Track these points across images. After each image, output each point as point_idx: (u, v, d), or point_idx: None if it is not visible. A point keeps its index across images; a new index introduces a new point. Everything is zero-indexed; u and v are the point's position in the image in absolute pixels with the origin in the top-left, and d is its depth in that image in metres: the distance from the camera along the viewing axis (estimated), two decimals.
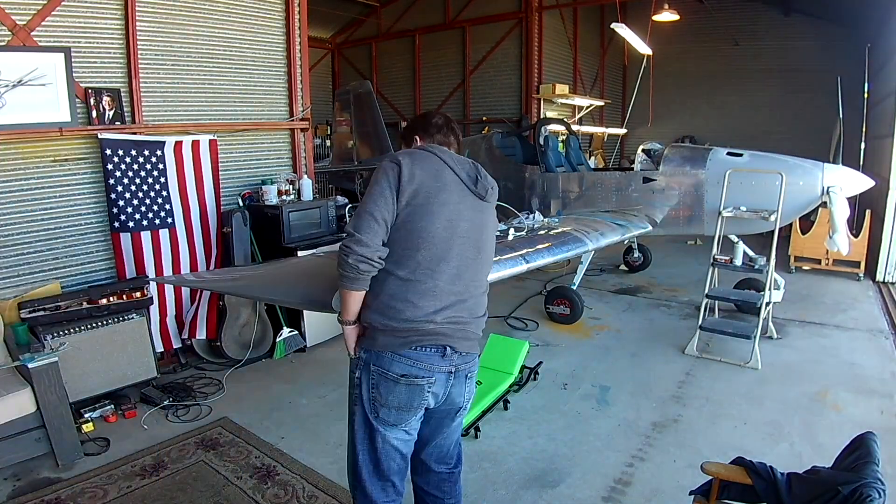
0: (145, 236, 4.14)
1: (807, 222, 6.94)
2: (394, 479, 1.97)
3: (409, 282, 1.80)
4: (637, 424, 3.53)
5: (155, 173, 4.16)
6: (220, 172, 4.58)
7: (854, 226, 6.75)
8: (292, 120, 5.16)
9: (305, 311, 4.64)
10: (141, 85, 4.13)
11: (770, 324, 4.92)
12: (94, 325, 3.67)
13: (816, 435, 3.36)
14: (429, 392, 1.88)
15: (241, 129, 4.85)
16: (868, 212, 6.98)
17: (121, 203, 3.98)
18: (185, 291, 4.46)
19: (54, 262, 3.89)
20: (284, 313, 4.70)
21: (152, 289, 4.11)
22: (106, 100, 3.95)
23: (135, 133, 4.08)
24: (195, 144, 4.37)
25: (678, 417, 3.61)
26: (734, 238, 5.29)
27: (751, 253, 5.16)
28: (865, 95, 8.18)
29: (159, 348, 4.26)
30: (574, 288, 5.44)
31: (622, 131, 12.93)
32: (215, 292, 4.33)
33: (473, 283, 1.94)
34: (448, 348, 1.87)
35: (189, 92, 4.49)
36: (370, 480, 1.95)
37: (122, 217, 4.01)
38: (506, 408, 3.74)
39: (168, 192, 4.25)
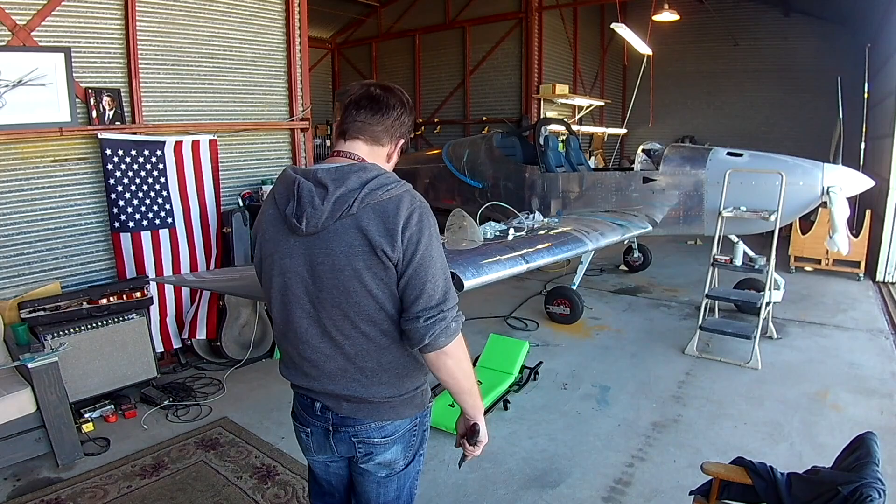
0: (145, 236, 4.14)
1: (807, 222, 6.95)
2: None
3: (277, 341, 1.65)
4: (637, 424, 3.53)
5: (155, 173, 4.16)
6: (220, 172, 4.58)
7: (854, 226, 6.74)
8: (292, 120, 5.16)
9: None
10: (141, 85, 4.13)
11: (770, 324, 4.92)
12: (94, 325, 3.67)
13: (816, 435, 3.36)
14: (310, 442, 1.64)
15: (241, 129, 4.85)
16: (868, 212, 6.98)
17: (121, 203, 3.98)
18: (185, 291, 4.46)
19: (54, 262, 3.89)
20: None
21: (152, 289, 4.12)
22: (106, 100, 3.95)
23: (135, 133, 4.08)
24: (195, 144, 4.37)
25: (678, 417, 3.61)
26: (734, 238, 5.29)
27: (751, 253, 5.16)
28: (865, 95, 8.17)
29: (159, 348, 4.26)
30: (574, 288, 5.44)
31: (622, 131, 12.92)
32: (215, 292, 4.34)
33: (329, 341, 1.48)
34: (318, 402, 1.56)
35: (189, 92, 4.49)
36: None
37: (123, 217, 4.01)
38: (506, 408, 3.74)
39: (168, 192, 4.25)
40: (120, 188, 3.97)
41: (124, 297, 3.86)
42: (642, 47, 9.18)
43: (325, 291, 1.44)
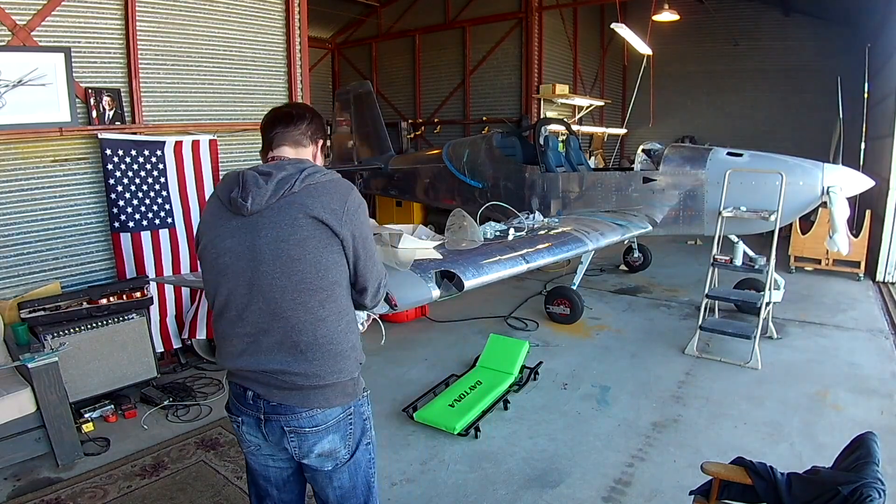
0: (145, 236, 4.14)
1: (807, 222, 6.95)
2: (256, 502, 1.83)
3: (215, 330, 1.67)
4: (637, 424, 3.53)
5: (155, 173, 4.16)
6: (220, 172, 4.58)
7: (854, 226, 6.74)
8: None
9: None
10: (141, 85, 4.13)
11: (770, 324, 4.92)
12: (94, 325, 3.67)
13: (816, 435, 3.36)
14: (243, 432, 1.67)
15: (241, 129, 4.85)
16: (868, 212, 6.98)
17: (121, 203, 3.98)
18: (185, 291, 4.46)
19: (54, 262, 3.89)
20: None
21: (152, 289, 4.12)
22: (106, 100, 3.95)
23: (135, 133, 4.08)
24: (195, 144, 4.37)
25: (678, 417, 3.61)
26: (734, 238, 5.29)
27: (751, 253, 5.16)
28: (865, 95, 8.17)
29: (159, 348, 4.26)
30: (574, 288, 5.44)
31: (622, 131, 12.93)
32: None
33: (267, 317, 1.52)
34: (249, 391, 1.59)
35: (189, 92, 4.49)
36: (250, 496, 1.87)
37: (123, 217, 4.01)
38: (506, 408, 3.74)
39: (168, 192, 4.25)
40: (120, 188, 3.97)
41: (124, 297, 3.85)
42: (642, 47, 9.18)
43: (266, 264, 1.52)
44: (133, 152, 4.03)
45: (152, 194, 4.15)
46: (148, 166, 4.11)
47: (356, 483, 1.69)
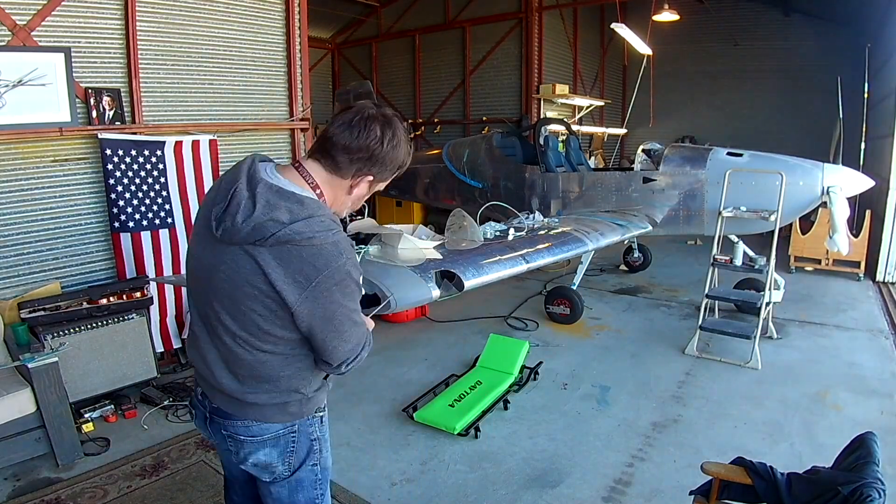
0: (145, 236, 4.14)
1: (807, 222, 6.94)
2: (227, 494, 1.84)
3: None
4: (637, 424, 3.53)
5: (155, 173, 4.16)
6: (220, 172, 4.58)
7: (854, 226, 6.74)
8: (292, 120, 5.16)
9: None
10: (141, 85, 4.13)
11: (770, 324, 4.92)
12: (94, 325, 3.67)
13: (816, 435, 3.36)
14: (196, 424, 1.68)
15: (241, 129, 4.85)
16: (868, 212, 6.98)
17: (121, 203, 3.98)
18: (185, 291, 4.45)
19: (54, 262, 3.89)
20: None
21: (152, 289, 4.12)
22: (106, 100, 3.95)
23: (135, 133, 4.08)
24: (195, 144, 4.37)
25: (678, 417, 3.61)
26: (734, 238, 5.29)
27: (751, 253, 5.16)
28: (865, 95, 8.18)
29: (159, 348, 4.26)
30: (574, 288, 5.44)
31: (622, 131, 12.92)
32: None
33: (215, 335, 1.46)
34: (199, 387, 1.60)
35: (189, 92, 4.49)
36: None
37: (123, 217, 4.01)
38: (506, 408, 3.74)
39: (168, 192, 4.25)
40: (120, 188, 3.97)
41: (124, 297, 3.85)
42: (642, 47, 9.17)
43: (217, 297, 1.40)
44: (133, 152, 4.03)
45: (152, 194, 4.15)
46: (148, 166, 4.11)
47: (295, 501, 1.61)
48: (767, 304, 4.65)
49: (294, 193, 1.34)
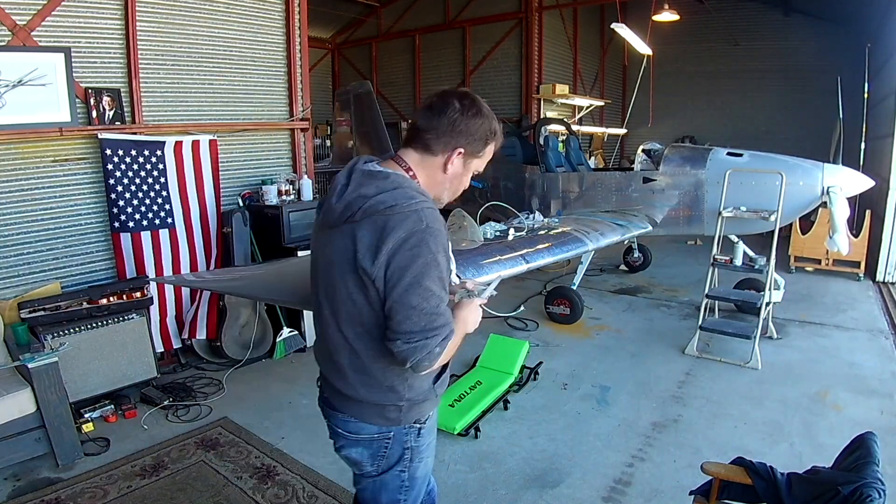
0: (145, 236, 4.14)
1: (807, 222, 6.94)
2: None
3: None
4: (637, 424, 3.53)
5: (155, 173, 4.16)
6: (220, 172, 4.58)
7: (854, 226, 6.74)
8: (292, 120, 5.16)
9: (305, 311, 4.64)
10: (141, 85, 4.13)
11: (770, 324, 4.92)
12: (94, 325, 3.67)
13: (816, 435, 3.36)
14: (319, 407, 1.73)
15: (241, 129, 4.85)
16: (868, 212, 6.98)
17: (121, 203, 3.98)
18: (185, 291, 4.46)
19: (54, 262, 3.89)
20: (284, 313, 4.69)
21: (152, 289, 4.12)
22: (106, 100, 3.95)
23: (135, 133, 4.08)
24: (195, 144, 4.37)
25: (678, 417, 3.61)
26: (734, 238, 5.29)
27: (751, 253, 5.16)
28: (865, 95, 8.17)
29: (159, 348, 4.26)
30: (574, 288, 5.44)
31: (622, 131, 12.93)
32: (215, 292, 4.34)
33: (324, 324, 1.54)
34: (320, 378, 1.69)
35: (189, 92, 4.49)
36: None
37: (123, 217, 4.01)
38: (506, 408, 3.74)
39: (168, 193, 4.25)
40: (120, 188, 3.97)
41: (124, 297, 3.85)
42: (642, 47, 9.18)
43: (322, 283, 1.52)
44: (133, 152, 4.03)
45: (152, 194, 4.15)
46: (148, 166, 4.11)
47: (377, 498, 1.66)
48: (767, 304, 4.65)
49: (382, 171, 1.44)
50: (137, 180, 4.06)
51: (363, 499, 1.71)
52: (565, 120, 9.14)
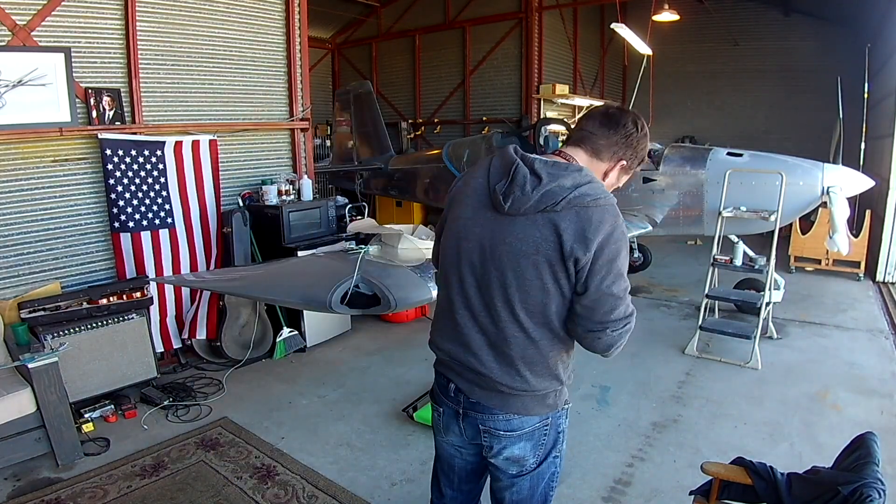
0: (145, 236, 4.14)
1: (807, 222, 6.94)
2: (437, 487, 1.86)
3: (437, 301, 1.70)
4: (637, 424, 3.53)
5: (155, 173, 4.16)
6: (220, 172, 4.58)
7: (854, 226, 6.74)
8: (292, 120, 5.16)
9: (305, 312, 4.64)
10: (141, 85, 4.14)
11: (770, 324, 4.92)
12: (94, 325, 3.67)
13: (816, 435, 3.36)
14: (441, 422, 1.70)
15: (241, 129, 4.85)
16: (868, 212, 6.98)
17: (121, 203, 3.99)
18: (185, 291, 4.46)
19: (54, 262, 3.89)
20: (284, 313, 4.69)
21: (152, 289, 4.12)
22: (106, 100, 3.95)
23: (135, 133, 4.08)
24: (195, 144, 4.37)
25: (678, 417, 3.61)
26: (734, 238, 5.28)
27: (751, 253, 5.16)
28: (865, 95, 8.17)
29: (159, 348, 4.27)
30: None
31: None
32: (215, 292, 4.34)
33: (483, 316, 1.52)
34: (452, 384, 1.62)
35: (189, 92, 4.49)
36: (431, 480, 1.90)
37: (123, 217, 4.01)
38: None
39: (168, 193, 4.25)
40: (120, 188, 3.98)
41: (124, 297, 3.85)
42: (642, 47, 9.16)
43: (497, 271, 1.47)
44: (133, 152, 4.03)
45: (152, 194, 4.15)
46: (148, 166, 4.11)
47: (534, 493, 1.67)
48: (767, 304, 4.65)
49: (570, 164, 1.49)
50: (137, 180, 4.06)
51: (516, 500, 1.67)
52: (565, 120, 9.13)
